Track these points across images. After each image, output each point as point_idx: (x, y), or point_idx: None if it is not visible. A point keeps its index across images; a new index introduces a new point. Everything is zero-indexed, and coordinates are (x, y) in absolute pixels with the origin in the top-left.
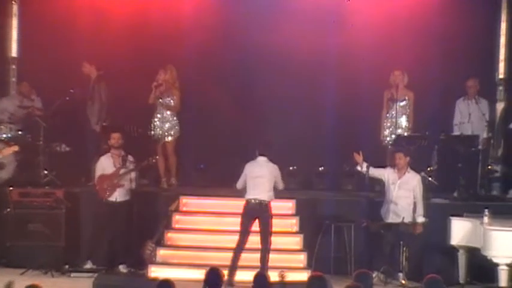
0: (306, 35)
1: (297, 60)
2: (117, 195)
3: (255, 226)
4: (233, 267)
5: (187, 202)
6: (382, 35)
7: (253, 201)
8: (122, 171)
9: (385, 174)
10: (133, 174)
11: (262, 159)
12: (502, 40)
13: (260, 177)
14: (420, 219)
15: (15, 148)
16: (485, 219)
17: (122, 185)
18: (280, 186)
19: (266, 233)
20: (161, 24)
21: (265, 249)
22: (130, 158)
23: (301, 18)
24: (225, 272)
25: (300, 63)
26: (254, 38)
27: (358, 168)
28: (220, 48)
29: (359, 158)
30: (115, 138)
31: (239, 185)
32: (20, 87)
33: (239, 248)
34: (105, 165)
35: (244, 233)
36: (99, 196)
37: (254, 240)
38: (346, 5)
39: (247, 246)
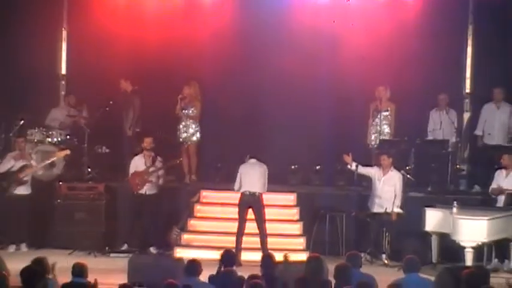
0: (305, 57)
1: (297, 79)
2: (147, 189)
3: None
4: (237, 249)
5: (207, 195)
6: (368, 57)
7: (247, 193)
8: (152, 169)
9: (372, 172)
10: (160, 172)
11: (253, 161)
12: (468, 61)
13: (252, 173)
14: (397, 209)
15: (67, 152)
16: (454, 209)
17: (150, 180)
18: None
19: (260, 221)
20: (186, 47)
21: (263, 235)
22: (159, 158)
23: (300, 43)
24: None
25: (300, 81)
26: (262, 60)
27: (349, 167)
28: (235, 67)
29: (348, 158)
30: (147, 142)
31: (236, 186)
32: (68, 99)
33: (239, 234)
34: (138, 163)
35: (241, 220)
36: (132, 189)
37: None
38: (338, 32)
39: (252, 231)
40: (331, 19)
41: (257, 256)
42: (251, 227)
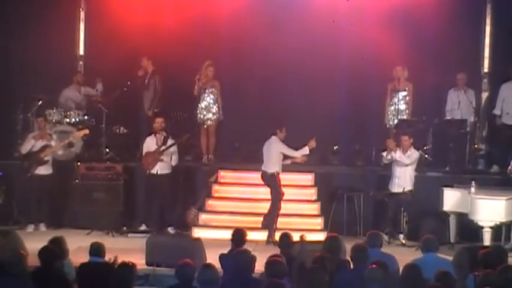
0: (323, 37)
1: (315, 58)
2: (158, 169)
3: None
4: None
5: (225, 175)
6: (386, 36)
7: (263, 172)
8: (162, 148)
9: (395, 155)
10: (173, 150)
11: (272, 138)
12: (487, 40)
13: (265, 152)
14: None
15: (86, 131)
16: (472, 189)
17: (161, 159)
18: (291, 154)
19: (272, 199)
20: (203, 27)
21: (269, 212)
22: (170, 138)
23: (317, 23)
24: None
25: (317, 61)
26: (280, 40)
27: (393, 153)
28: (252, 47)
29: (392, 144)
30: (158, 122)
31: None
32: (76, 78)
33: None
34: (150, 144)
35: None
36: (144, 169)
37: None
38: (355, 12)
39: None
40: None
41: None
42: (265, 207)
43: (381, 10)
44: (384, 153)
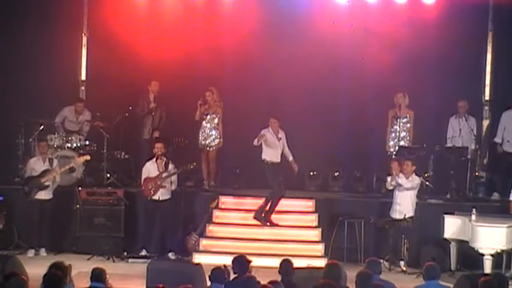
0: (324, 64)
1: (316, 85)
2: (160, 194)
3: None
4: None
5: (226, 201)
6: (387, 64)
7: None
8: (164, 174)
9: (398, 179)
10: (173, 177)
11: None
12: (488, 68)
13: None
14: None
15: (87, 157)
16: (473, 217)
17: (164, 186)
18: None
19: None
20: (206, 53)
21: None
22: (171, 164)
23: (319, 49)
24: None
25: (319, 88)
26: (282, 67)
27: (397, 179)
28: (255, 74)
29: (397, 168)
30: (158, 147)
31: None
32: (75, 106)
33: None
34: (150, 169)
35: None
36: (145, 195)
37: (276, 233)
38: (356, 38)
39: (270, 237)
40: (350, 24)
41: (274, 262)
42: (265, 233)
43: (382, 37)
44: (389, 179)
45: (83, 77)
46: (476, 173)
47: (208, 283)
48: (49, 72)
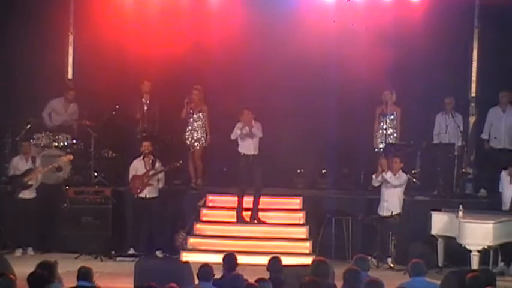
0: (311, 61)
1: (303, 82)
2: (147, 192)
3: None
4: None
5: (213, 199)
6: (374, 60)
7: None
8: (152, 172)
9: (386, 175)
10: (161, 175)
11: None
12: (474, 65)
13: None
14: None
15: (70, 157)
16: (460, 213)
17: (151, 184)
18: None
19: None
20: (192, 52)
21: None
22: (158, 162)
23: (305, 47)
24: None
25: (305, 85)
26: (268, 64)
27: (384, 175)
28: (241, 72)
29: (385, 164)
30: (146, 145)
31: None
32: (66, 94)
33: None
34: (137, 167)
35: None
36: (132, 192)
37: (263, 230)
38: (343, 36)
39: (258, 235)
40: (336, 22)
41: (262, 260)
42: (253, 231)
43: (369, 34)
44: (374, 176)
45: (70, 76)
46: (464, 170)
47: (196, 281)
48: (36, 71)
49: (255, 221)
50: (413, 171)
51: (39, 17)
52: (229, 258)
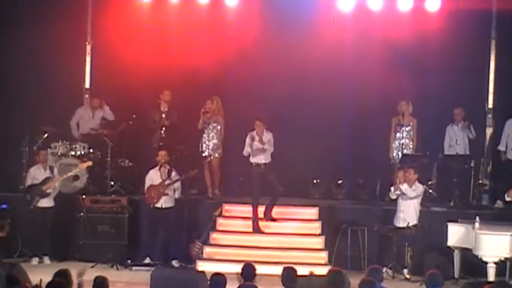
0: (327, 71)
1: (319, 93)
2: (163, 202)
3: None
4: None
5: (229, 208)
6: (391, 71)
7: None
8: (167, 182)
9: (402, 188)
10: (176, 185)
11: None
12: (492, 76)
13: None
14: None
15: (89, 163)
16: (477, 224)
17: (166, 193)
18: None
19: None
20: (210, 62)
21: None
22: (174, 171)
23: (322, 58)
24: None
25: (322, 95)
26: (285, 75)
27: (400, 187)
28: (257, 83)
29: (403, 176)
30: (162, 155)
31: None
32: (91, 102)
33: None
34: (153, 177)
35: None
36: (148, 202)
37: (279, 240)
38: (360, 46)
39: (274, 245)
40: (353, 32)
41: (278, 270)
42: (269, 241)
43: (386, 45)
44: (392, 188)
45: (87, 85)
46: (480, 181)
47: None
48: (53, 80)
49: (267, 219)
50: (429, 182)
51: (56, 26)
52: (248, 268)
